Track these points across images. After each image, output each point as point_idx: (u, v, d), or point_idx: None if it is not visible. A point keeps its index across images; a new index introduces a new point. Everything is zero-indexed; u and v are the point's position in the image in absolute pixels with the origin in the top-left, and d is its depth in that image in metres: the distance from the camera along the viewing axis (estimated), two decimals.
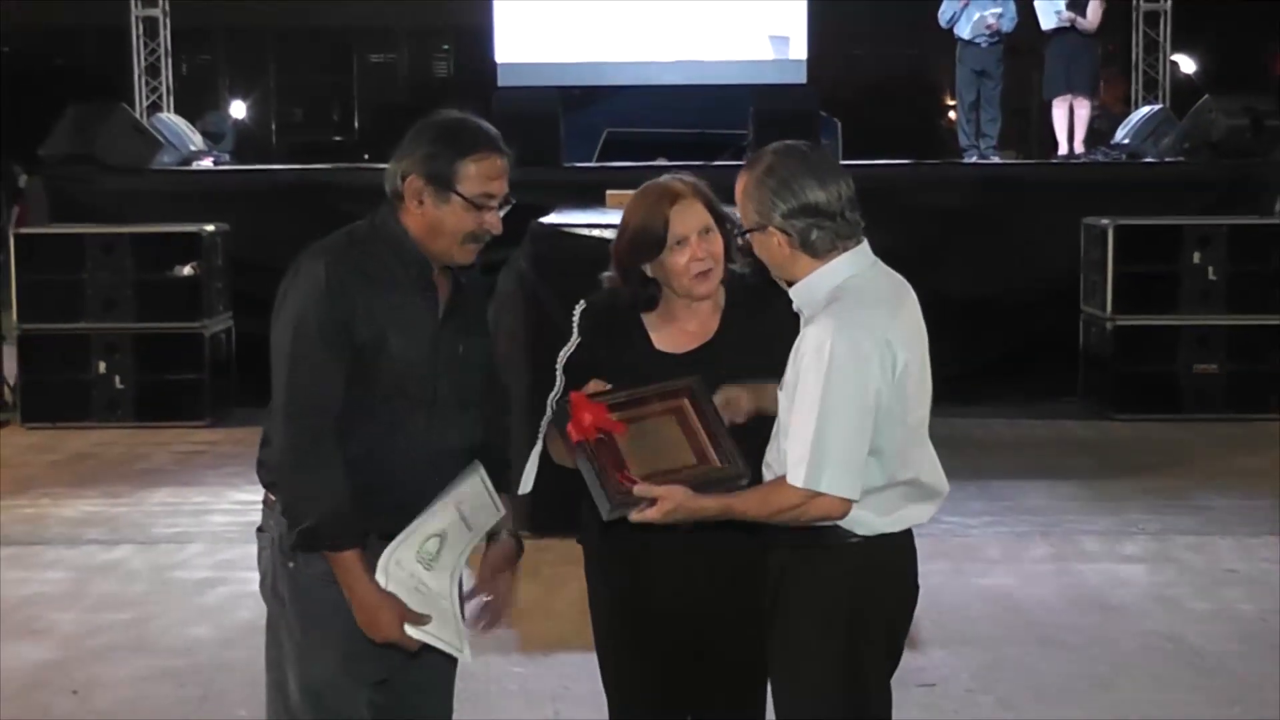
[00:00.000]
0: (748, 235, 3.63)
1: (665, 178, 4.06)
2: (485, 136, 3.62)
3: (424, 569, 3.63)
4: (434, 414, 3.65)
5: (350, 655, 3.63)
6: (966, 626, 7.00)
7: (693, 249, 3.92)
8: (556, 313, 8.15)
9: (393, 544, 3.58)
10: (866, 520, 3.57)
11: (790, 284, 3.64)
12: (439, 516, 3.64)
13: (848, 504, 3.48)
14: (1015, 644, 6.81)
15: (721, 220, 4.00)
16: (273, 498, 3.73)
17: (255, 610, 7.31)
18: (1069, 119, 15.13)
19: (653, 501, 3.50)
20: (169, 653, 6.76)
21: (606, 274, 4.08)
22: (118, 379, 12.11)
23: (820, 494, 3.44)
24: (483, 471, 3.68)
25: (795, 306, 3.64)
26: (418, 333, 3.63)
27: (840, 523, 3.53)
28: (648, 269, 3.96)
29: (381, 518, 3.61)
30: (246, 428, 11.75)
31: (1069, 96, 15.06)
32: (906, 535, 3.70)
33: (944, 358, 3.68)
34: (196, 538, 8.67)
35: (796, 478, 3.45)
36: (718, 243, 3.96)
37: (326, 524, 3.54)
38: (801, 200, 3.54)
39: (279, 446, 3.58)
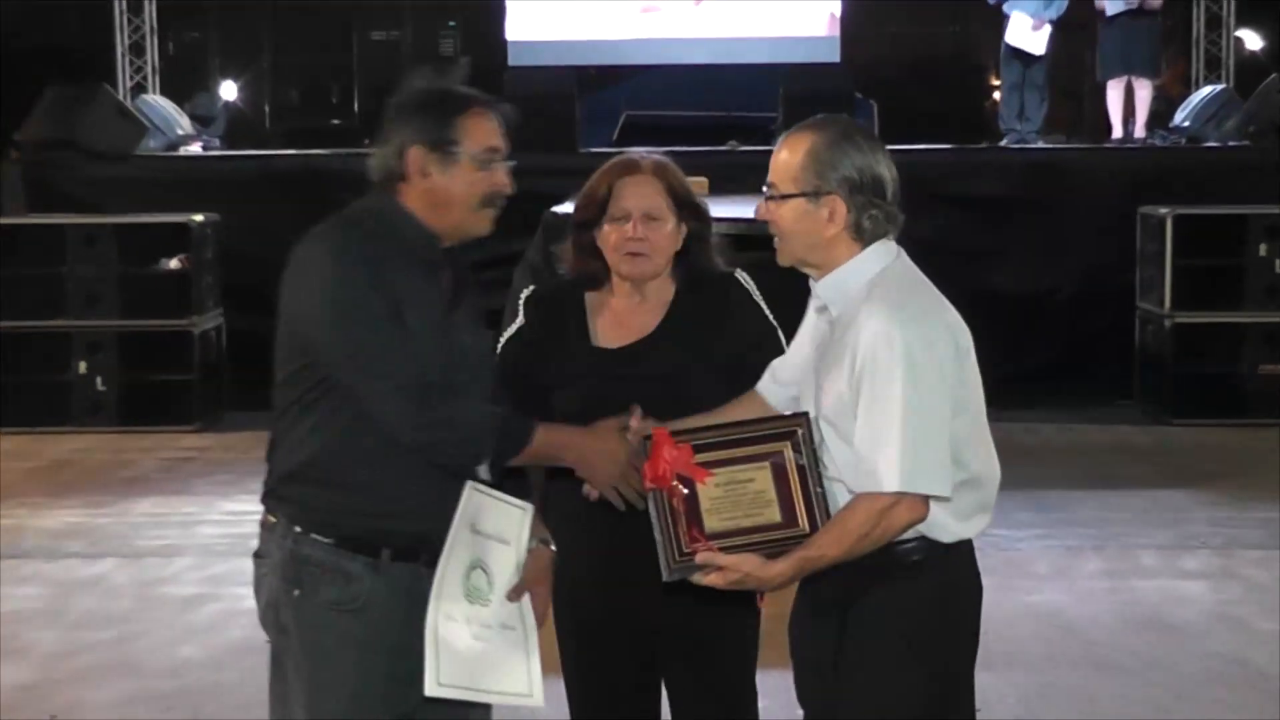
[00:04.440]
0: (783, 199, 3.58)
1: (637, 151, 4.21)
2: (473, 95, 3.70)
3: (482, 607, 3.64)
4: None
5: (364, 692, 3.62)
6: (1014, 648, 6.98)
7: (629, 229, 4.04)
8: None
9: (431, 603, 3.57)
10: (947, 525, 3.56)
11: (801, 266, 3.64)
12: (460, 548, 3.62)
13: (926, 507, 3.46)
14: (1067, 667, 6.80)
15: (685, 211, 4.11)
16: (272, 518, 3.72)
17: (248, 629, 7.32)
18: (1125, 101, 15.08)
19: (719, 567, 3.46)
20: (155, 674, 6.77)
21: (558, 246, 4.23)
22: (100, 380, 12.13)
23: (901, 499, 3.42)
24: (473, 485, 3.65)
25: (818, 303, 3.64)
26: (427, 322, 3.62)
27: (924, 531, 3.52)
28: (598, 241, 4.10)
29: (398, 530, 3.61)
30: (239, 433, 11.78)
31: (1127, 77, 15.00)
32: (969, 542, 3.69)
33: (990, 359, 3.67)
34: (185, 551, 8.68)
35: (889, 483, 3.41)
36: (662, 232, 4.08)
37: (506, 439, 3.59)
38: (874, 174, 3.56)
39: (393, 417, 3.53)
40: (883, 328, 3.44)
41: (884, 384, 3.42)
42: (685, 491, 3.48)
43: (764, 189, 3.63)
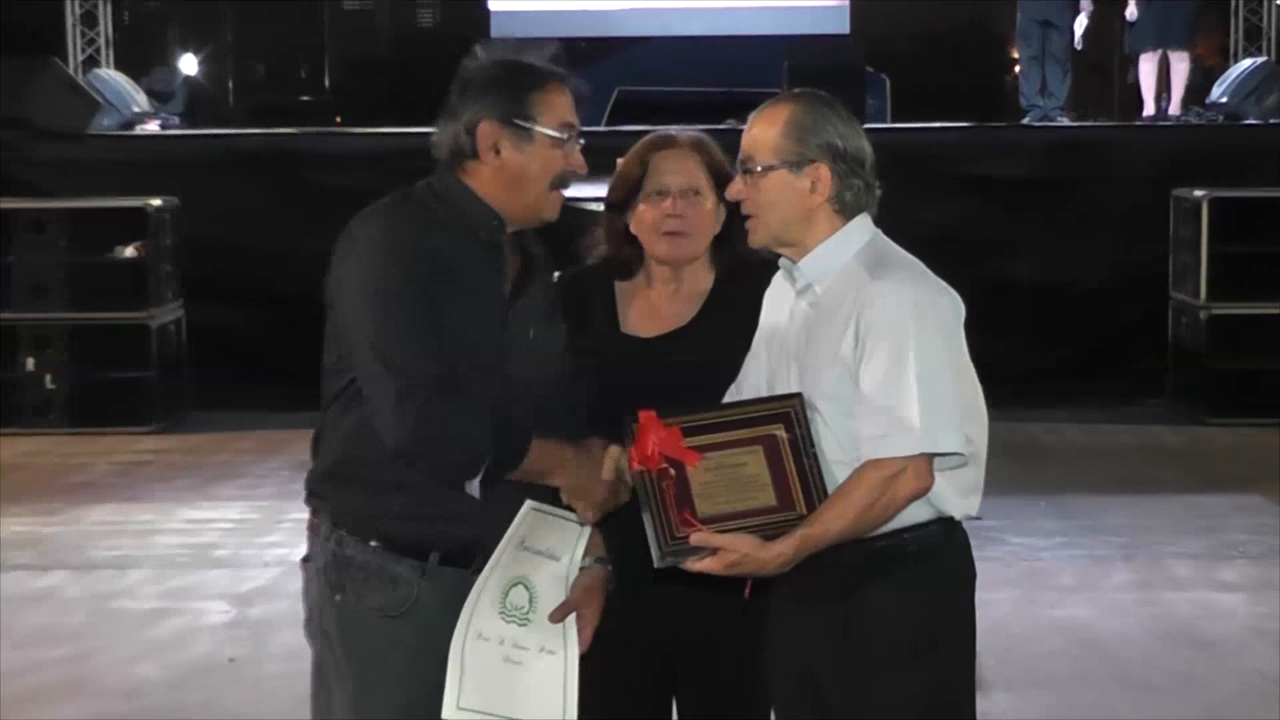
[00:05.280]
0: (764, 172, 3.62)
1: (671, 127, 4.25)
2: (549, 69, 3.78)
3: (518, 626, 3.67)
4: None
5: (411, 703, 3.66)
6: (1037, 665, 7.00)
7: (667, 206, 4.07)
8: None
9: (462, 619, 3.62)
10: (950, 499, 3.60)
11: (776, 244, 3.68)
12: (506, 563, 3.66)
13: (931, 477, 3.51)
14: (1094, 686, 6.80)
15: (725, 191, 4.09)
16: (315, 519, 3.75)
17: (210, 646, 7.35)
18: (1159, 76, 15.08)
19: (713, 550, 3.47)
20: (110, 695, 6.76)
21: (590, 236, 4.27)
22: (49, 378, 12.11)
23: (908, 466, 3.47)
24: (531, 503, 3.70)
25: (801, 283, 3.67)
26: (484, 308, 3.66)
27: (933, 502, 3.56)
28: (631, 224, 4.14)
29: (447, 534, 3.65)
30: (200, 434, 11.78)
31: (1160, 50, 15.00)
32: (964, 530, 3.74)
33: (1011, 354, 3.72)
34: (142, 562, 8.68)
35: (905, 444, 3.46)
36: (703, 210, 4.12)
37: (498, 461, 3.59)
38: (855, 143, 3.64)
39: (387, 420, 3.54)
40: (889, 289, 3.52)
41: (894, 344, 3.48)
42: (674, 475, 3.51)
43: (739, 165, 3.69)
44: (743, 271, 4.16)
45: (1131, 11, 14.93)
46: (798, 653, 3.70)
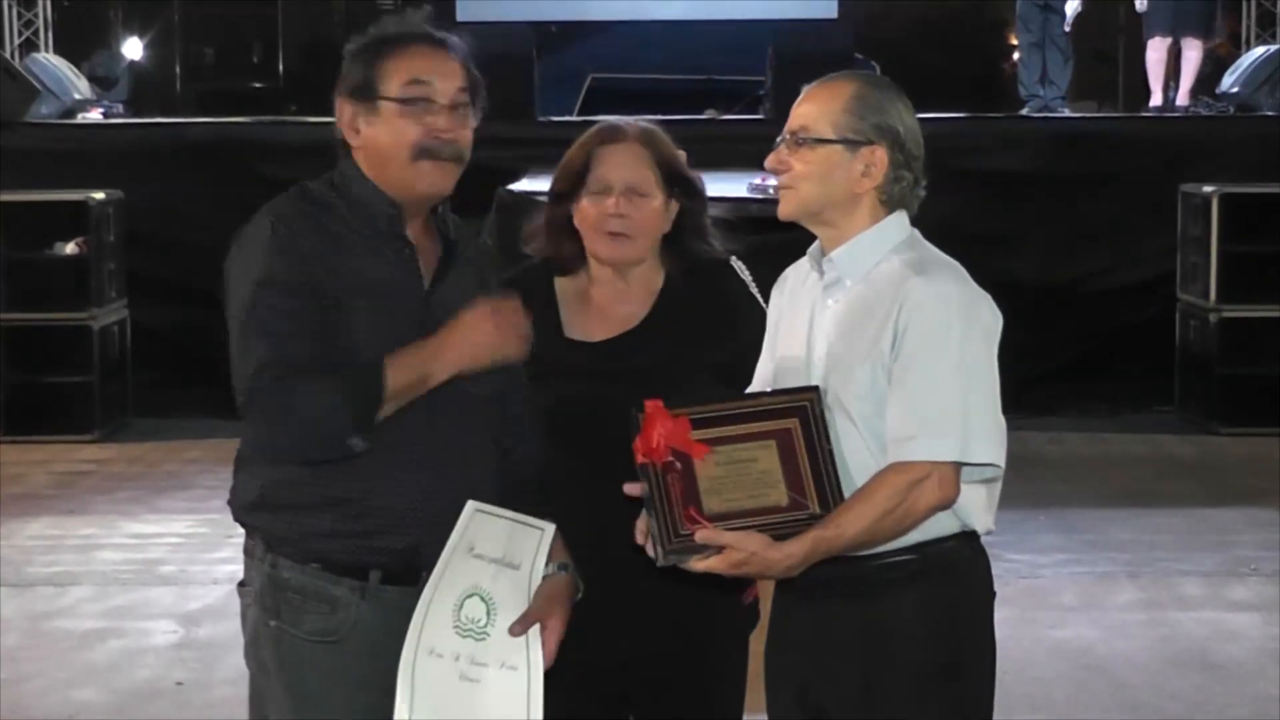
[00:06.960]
0: (816, 144, 3.60)
1: (622, 118, 4.23)
2: (403, 30, 3.70)
3: (475, 640, 3.65)
4: (435, 414, 3.65)
5: None
6: (1036, 690, 7.01)
7: (610, 204, 4.08)
8: None
9: (410, 635, 3.59)
10: (977, 512, 3.61)
11: (812, 221, 3.66)
12: (453, 573, 3.63)
13: (957, 488, 3.51)
14: (1097, 712, 6.82)
15: (676, 187, 4.16)
16: (250, 541, 3.74)
17: (154, 669, 7.32)
18: (1169, 64, 15.10)
19: (719, 549, 3.46)
20: None
21: (527, 224, 4.28)
22: None
23: (933, 473, 3.46)
24: (476, 505, 3.66)
25: (831, 276, 3.65)
26: (397, 304, 3.63)
27: (959, 515, 3.56)
28: (575, 219, 4.14)
29: (385, 547, 3.63)
30: (145, 442, 11.75)
31: (1171, 37, 15.02)
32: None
33: (1008, 357, 3.70)
34: (82, 579, 8.66)
35: (938, 450, 3.46)
36: (648, 209, 4.12)
37: (359, 393, 3.54)
38: (914, 137, 3.65)
39: (253, 432, 3.58)
40: (934, 286, 3.53)
41: (936, 343, 3.49)
42: (681, 469, 3.50)
43: (786, 136, 3.64)
44: (694, 270, 4.18)
45: (1141, 3, 14.97)
46: (803, 672, 3.69)
